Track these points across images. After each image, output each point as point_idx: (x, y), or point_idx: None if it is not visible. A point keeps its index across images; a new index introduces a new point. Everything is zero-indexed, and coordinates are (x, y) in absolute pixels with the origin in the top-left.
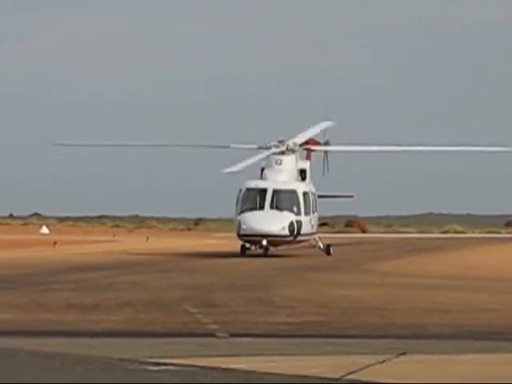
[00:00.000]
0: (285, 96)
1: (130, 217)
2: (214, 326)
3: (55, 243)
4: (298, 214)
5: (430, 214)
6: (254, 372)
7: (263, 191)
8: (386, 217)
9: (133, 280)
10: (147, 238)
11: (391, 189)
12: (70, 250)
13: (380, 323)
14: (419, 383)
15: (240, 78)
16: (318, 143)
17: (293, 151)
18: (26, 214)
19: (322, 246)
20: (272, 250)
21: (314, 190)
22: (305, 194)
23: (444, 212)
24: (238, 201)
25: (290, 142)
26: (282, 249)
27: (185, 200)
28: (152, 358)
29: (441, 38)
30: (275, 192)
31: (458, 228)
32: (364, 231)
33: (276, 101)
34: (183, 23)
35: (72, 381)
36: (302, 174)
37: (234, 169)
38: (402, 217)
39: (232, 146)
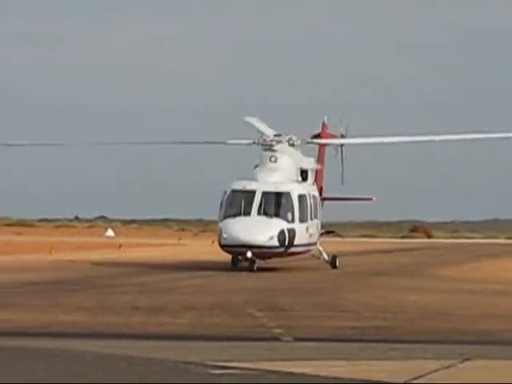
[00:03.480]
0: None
1: (195, 220)
2: (279, 330)
3: (120, 246)
4: (292, 221)
5: (496, 219)
6: (318, 376)
7: (251, 194)
8: (452, 222)
9: (198, 283)
10: (212, 242)
11: (457, 194)
12: (135, 253)
13: (444, 328)
14: None
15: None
16: (332, 136)
17: (292, 146)
18: (92, 216)
19: (326, 257)
20: (261, 262)
21: (315, 193)
22: (301, 197)
23: (510, 217)
24: (221, 205)
25: (289, 136)
26: (273, 261)
27: None
28: (217, 361)
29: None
30: (265, 195)
31: None
32: (429, 236)
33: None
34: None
35: (137, 383)
36: (304, 173)
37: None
38: (467, 222)
39: (229, 141)
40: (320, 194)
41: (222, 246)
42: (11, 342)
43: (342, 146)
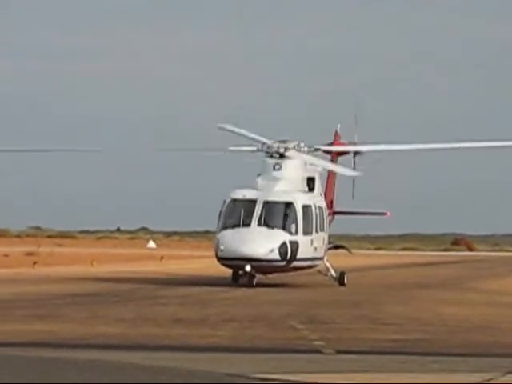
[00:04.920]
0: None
1: None
2: (320, 343)
3: (162, 258)
4: (295, 233)
5: None
6: None
7: (251, 203)
8: (493, 235)
9: (238, 295)
10: None
11: (499, 207)
12: (176, 265)
13: (486, 342)
14: None
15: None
16: (343, 144)
17: (297, 154)
18: (134, 228)
19: (334, 273)
20: (261, 277)
21: (321, 204)
22: (306, 207)
23: None
24: (219, 215)
25: (295, 143)
26: (274, 277)
27: None
28: (258, 373)
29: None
30: (266, 204)
31: None
32: (471, 249)
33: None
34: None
35: None
36: (310, 183)
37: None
38: (508, 235)
39: (231, 148)
40: (331, 207)
41: (219, 259)
42: (52, 354)
43: (355, 155)
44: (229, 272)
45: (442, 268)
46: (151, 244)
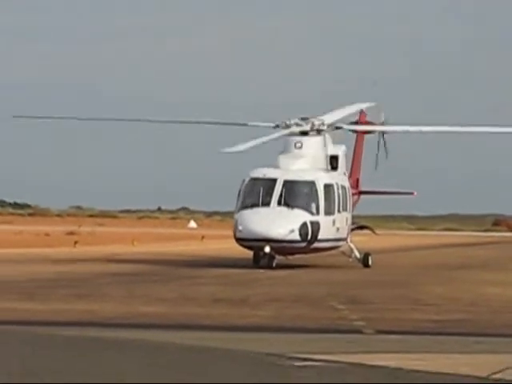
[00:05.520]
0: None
1: None
2: (361, 323)
3: (203, 237)
4: (316, 213)
5: None
6: (401, 369)
7: (271, 182)
8: None
9: (278, 275)
10: None
11: None
12: (216, 245)
13: None
14: None
15: None
16: (369, 123)
17: (319, 132)
18: (175, 208)
19: (358, 255)
20: (280, 258)
21: (344, 184)
22: (327, 186)
23: None
24: (239, 195)
25: (317, 120)
26: (295, 258)
27: None
28: (299, 353)
29: None
30: (286, 183)
31: None
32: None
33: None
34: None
35: (220, 374)
36: (334, 161)
37: (235, 149)
38: None
39: (250, 123)
40: (356, 186)
41: (238, 240)
42: (93, 333)
43: (383, 134)
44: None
45: (483, 249)
46: (192, 224)
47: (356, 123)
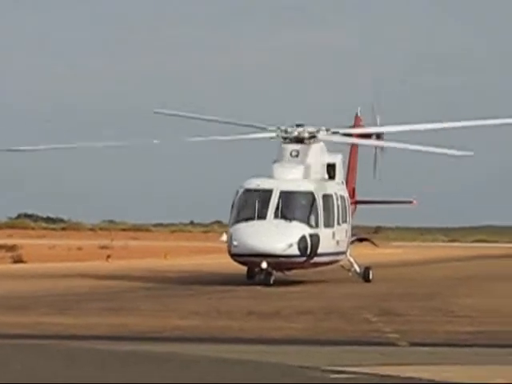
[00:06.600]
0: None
1: None
2: (394, 335)
3: None
4: (315, 225)
5: None
6: (434, 381)
7: (266, 193)
8: None
9: (308, 290)
10: None
11: None
12: None
13: None
14: None
15: None
16: (364, 127)
17: (315, 139)
18: (208, 221)
19: (358, 268)
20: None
21: (343, 194)
22: (326, 197)
23: None
24: (232, 207)
25: (313, 127)
26: (292, 274)
27: (364, 209)
28: (333, 366)
29: None
30: (283, 195)
31: None
32: None
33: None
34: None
35: None
36: (331, 170)
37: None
38: None
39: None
40: (352, 196)
41: (232, 256)
42: (127, 347)
43: (377, 137)
44: None
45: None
46: (224, 237)
47: (351, 128)
